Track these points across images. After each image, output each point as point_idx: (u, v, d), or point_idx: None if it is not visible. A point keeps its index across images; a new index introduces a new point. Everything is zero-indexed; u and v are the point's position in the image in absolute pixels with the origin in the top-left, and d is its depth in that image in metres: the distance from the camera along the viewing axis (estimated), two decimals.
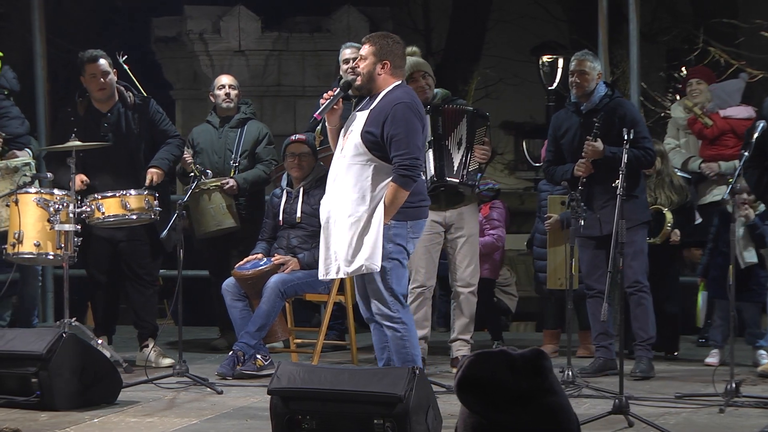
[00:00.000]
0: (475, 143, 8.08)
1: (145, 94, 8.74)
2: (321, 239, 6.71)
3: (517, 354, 2.77)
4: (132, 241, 8.48)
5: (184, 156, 8.88)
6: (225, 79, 9.39)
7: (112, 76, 8.45)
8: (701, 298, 8.91)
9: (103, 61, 8.40)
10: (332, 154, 8.08)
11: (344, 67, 8.97)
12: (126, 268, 8.56)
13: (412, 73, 8.19)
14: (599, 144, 7.88)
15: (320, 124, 7.93)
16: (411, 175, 6.49)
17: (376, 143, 6.54)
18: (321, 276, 6.76)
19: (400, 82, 6.73)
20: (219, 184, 8.94)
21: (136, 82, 8.70)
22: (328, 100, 6.77)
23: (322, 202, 6.79)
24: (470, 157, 8.05)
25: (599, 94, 8.09)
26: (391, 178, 6.51)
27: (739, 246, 8.14)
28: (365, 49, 6.72)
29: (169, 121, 8.72)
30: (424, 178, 6.81)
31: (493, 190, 9.71)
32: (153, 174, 8.33)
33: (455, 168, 8.04)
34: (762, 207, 8.26)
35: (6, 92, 9.23)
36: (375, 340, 6.80)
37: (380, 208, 6.50)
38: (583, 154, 7.95)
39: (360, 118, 6.65)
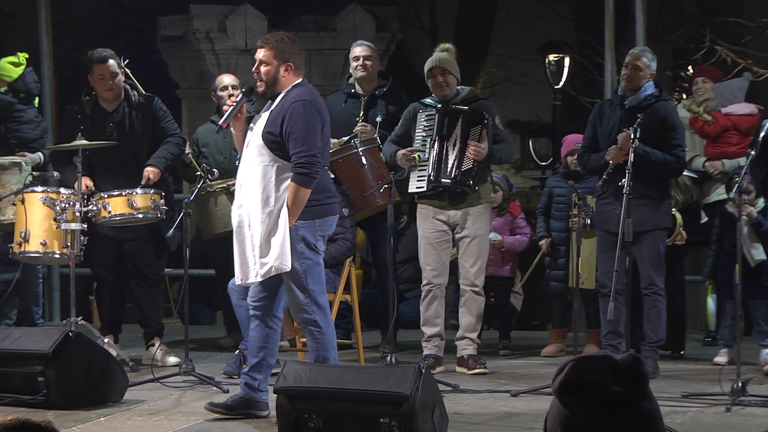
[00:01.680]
0: (469, 142, 8.06)
1: (146, 94, 8.73)
2: (234, 245, 6.65)
3: (619, 359, 2.80)
4: (137, 241, 8.48)
5: (186, 150, 8.86)
6: (227, 80, 9.29)
7: (120, 77, 8.47)
8: (710, 301, 8.86)
9: (112, 62, 8.41)
10: (337, 159, 8.13)
11: (354, 64, 8.98)
12: (131, 267, 8.56)
13: (431, 68, 8.15)
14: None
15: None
16: (308, 172, 6.45)
17: (277, 143, 6.52)
18: (238, 281, 6.70)
19: (300, 80, 6.70)
20: (225, 185, 8.91)
21: (137, 84, 8.68)
22: (231, 108, 6.76)
23: (233, 207, 6.79)
24: (463, 157, 8.04)
25: (646, 93, 8.01)
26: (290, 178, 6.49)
27: (746, 245, 8.12)
28: (263, 53, 6.66)
29: (172, 120, 8.71)
30: (333, 175, 6.74)
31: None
32: (149, 172, 8.33)
33: (449, 168, 8.05)
34: (761, 204, 8.24)
35: (22, 95, 9.20)
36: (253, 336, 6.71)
37: (285, 209, 6.47)
38: (617, 138, 7.83)
39: (262, 119, 6.65)
